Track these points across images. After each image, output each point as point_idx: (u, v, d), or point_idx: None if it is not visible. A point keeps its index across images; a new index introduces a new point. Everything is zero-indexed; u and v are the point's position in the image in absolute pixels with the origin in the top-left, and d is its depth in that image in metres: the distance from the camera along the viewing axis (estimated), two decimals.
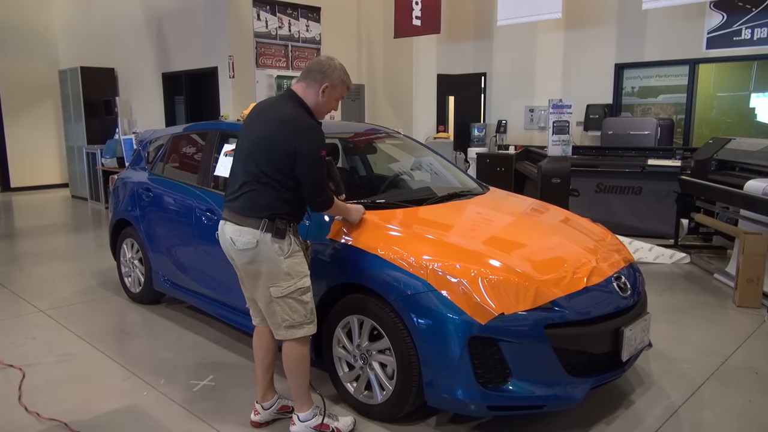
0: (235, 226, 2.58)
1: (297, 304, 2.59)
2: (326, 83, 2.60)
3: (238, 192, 2.61)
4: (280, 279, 2.55)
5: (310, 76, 2.62)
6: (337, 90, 2.65)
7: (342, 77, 2.64)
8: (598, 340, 2.71)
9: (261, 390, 2.83)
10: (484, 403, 2.52)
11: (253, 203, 2.56)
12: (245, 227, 2.55)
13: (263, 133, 2.55)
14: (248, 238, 2.54)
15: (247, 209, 2.57)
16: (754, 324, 4.15)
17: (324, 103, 2.64)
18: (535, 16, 8.07)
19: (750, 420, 2.89)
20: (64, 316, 4.38)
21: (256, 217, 2.54)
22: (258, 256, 2.54)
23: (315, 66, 2.63)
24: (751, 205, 4.80)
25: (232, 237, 2.59)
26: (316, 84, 2.61)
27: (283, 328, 2.61)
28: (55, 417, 2.90)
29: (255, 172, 2.55)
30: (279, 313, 2.59)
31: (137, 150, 5.06)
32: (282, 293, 2.56)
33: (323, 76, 2.60)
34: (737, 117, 8.09)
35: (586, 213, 4.26)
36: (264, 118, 2.62)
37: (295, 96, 2.62)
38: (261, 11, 8.44)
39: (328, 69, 2.61)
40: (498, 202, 3.83)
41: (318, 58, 2.70)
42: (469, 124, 10.04)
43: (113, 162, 8.99)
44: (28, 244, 6.89)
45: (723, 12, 7.51)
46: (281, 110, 2.58)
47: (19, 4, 11.10)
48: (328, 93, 2.62)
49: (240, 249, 2.57)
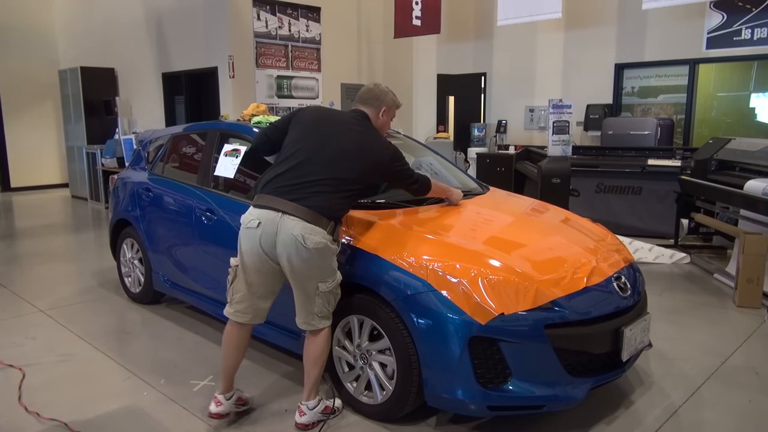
0: (305, 224, 2.59)
1: (333, 297, 2.74)
2: (384, 107, 2.95)
3: (312, 188, 2.65)
4: (329, 275, 2.69)
5: (369, 102, 2.94)
6: (391, 111, 3.00)
7: (394, 99, 3.02)
8: (598, 340, 2.71)
9: (227, 382, 2.88)
10: (484, 403, 2.52)
11: (326, 203, 2.65)
12: (318, 227, 2.61)
13: (342, 145, 2.74)
14: (319, 237, 2.60)
15: (323, 209, 2.64)
16: (754, 324, 4.15)
17: (383, 123, 2.98)
18: (535, 16, 8.07)
19: (750, 420, 2.89)
20: (64, 316, 4.38)
21: (327, 218, 2.64)
22: (322, 256, 2.62)
23: (370, 94, 2.97)
24: (751, 205, 4.80)
25: (303, 234, 2.57)
26: (375, 107, 2.94)
27: (318, 318, 2.71)
28: (55, 417, 2.90)
29: (341, 179, 2.69)
30: (318, 305, 2.69)
31: (137, 150, 5.06)
32: (328, 288, 2.68)
33: (380, 101, 2.94)
34: (737, 117, 8.09)
35: (586, 213, 4.26)
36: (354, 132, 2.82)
37: (368, 118, 2.93)
38: (261, 11, 8.44)
39: (381, 94, 2.95)
40: (498, 202, 3.83)
41: (368, 87, 3.03)
42: (469, 124, 10.04)
43: (113, 162, 8.99)
44: (28, 244, 6.89)
45: (723, 12, 7.51)
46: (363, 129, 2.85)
47: (19, 4, 11.10)
48: (386, 115, 2.97)
49: (309, 247, 2.58)
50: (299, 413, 2.80)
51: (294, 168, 2.71)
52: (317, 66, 9.20)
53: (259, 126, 3.77)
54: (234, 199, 3.68)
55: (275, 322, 3.35)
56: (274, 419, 2.89)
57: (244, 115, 4.19)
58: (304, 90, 9.10)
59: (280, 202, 2.64)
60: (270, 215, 2.63)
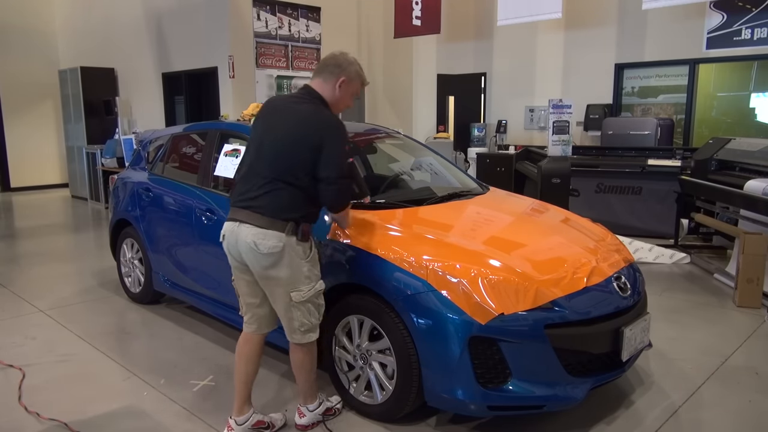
0: (257, 229, 2.46)
1: (313, 307, 2.58)
2: (343, 77, 2.58)
3: (259, 191, 2.50)
4: (301, 283, 2.51)
5: (326, 71, 2.59)
6: (353, 84, 2.62)
7: (358, 71, 2.63)
8: (598, 340, 2.71)
9: (239, 402, 2.68)
10: (484, 403, 2.52)
11: (281, 204, 2.47)
12: (270, 230, 2.45)
13: (290, 132, 2.49)
14: (274, 241, 2.44)
15: (274, 210, 2.47)
16: (754, 324, 4.15)
17: (340, 97, 2.62)
18: (535, 16, 8.07)
19: (750, 420, 2.89)
20: (64, 316, 4.38)
21: (282, 220, 2.46)
22: (282, 260, 2.47)
23: (331, 60, 2.61)
24: (751, 205, 4.80)
25: (255, 241, 2.45)
26: (332, 78, 2.58)
27: (300, 333, 2.57)
28: (55, 417, 2.90)
29: (283, 172, 2.47)
30: (298, 318, 2.54)
31: (137, 150, 5.06)
32: (303, 297, 2.52)
33: (340, 70, 2.58)
34: (737, 117, 8.09)
35: (586, 213, 4.25)
36: (287, 116, 2.54)
37: (315, 92, 2.60)
38: (261, 11, 8.44)
39: (344, 63, 2.59)
40: (498, 202, 3.83)
41: (332, 53, 2.65)
42: (469, 124, 10.03)
43: (113, 162, 8.99)
44: (28, 244, 6.89)
45: (723, 12, 7.51)
46: (305, 108, 2.54)
47: (19, 4, 11.09)
48: (344, 87, 2.60)
49: (264, 253, 2.45)
50: (299, 415, 2.78)
51: (245, 174, 2.59)
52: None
53: None
54: None
55: None
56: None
57: (244, 115, 4.19)
58: None
59: (237, 211, 2.55)
60: (229, 227, 2.56)
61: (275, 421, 2.78)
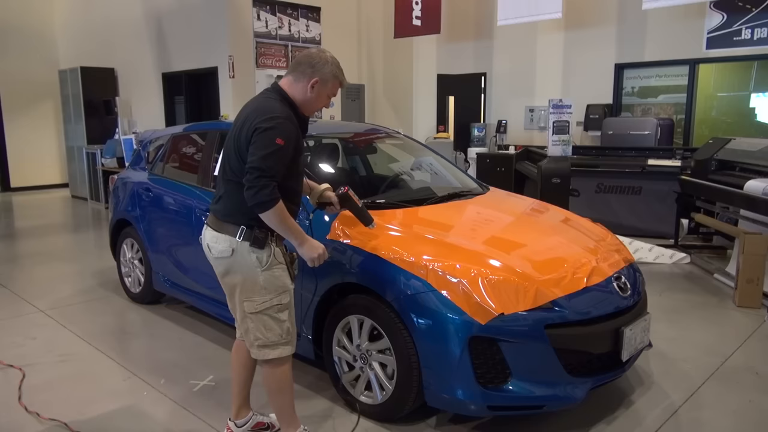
0: (213, 232, 2.41)
1: (272, 321, 2.37)
2: (316, 78, 2.37)
3: (218, 193, 2.45)
4: (255, 293, 2.35)
5: (298, 70, 2.39)
6: (327, 86, 2.41)
7: (334, 72, 2.40)
8: (598, 340, 2.71)
9: (235, 406, 2.65)
10: (484, 403, 2.52)
11: (232, 207, 2.36)
12: (222, 234, 2.37)
13: (235, 131, 2.35)
14: (224, 245, 2.36)
15: (226, 214, 2.38)
16: (754, 324, 4.15)
17: (313, 99, 2.41)
18: (535, 16, 8.07)
19: (750, 420, 2.89)
20: (64, 316, 4.38)
21: (234, 223, 2.35)
22: (233, 266, 2.36)
23: (304, 59, 2.40)
24: (751, 205, 4.80)
25: (209, 244, 2.42)
26: (305, 78, 2.38)
27: (256, 348, 2.40)
28: (55, 417, 2.90)
29: (231, 173, 2.35)
30: (252, 331, 2.39)
31: (137, 150, 5.06)
32: (256, 309, 2.35)
33: (313, 70, 2.37)
34: (737, 117, 8.09)
35: (586, 213, 4.26)
36: (240, 114, 2.42)
37: (279, 90, 2.41)
38: (261, 11, 8.44)
39: (318, 63, 2.37)
40: (498, 202, 3.83)
41: (308, 51, 2.44)
42: (469, 124, 10.03)
43: (113, 162, 8.99)
44: (28, 244, 6.89)
45: (723, 12, 7.51)
46: (254, 102, 2.40)
47: (19, 4, 11.09)
48: (317, 89, 2.39)
49: (216, 257, 2.40)
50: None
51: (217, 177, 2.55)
52: None
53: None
54: None
55: None
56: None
57: None
58: None
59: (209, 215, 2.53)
60: (203, 230, 2.54)
61: (275, 422, 2.74)
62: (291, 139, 2.28)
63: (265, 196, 2.20)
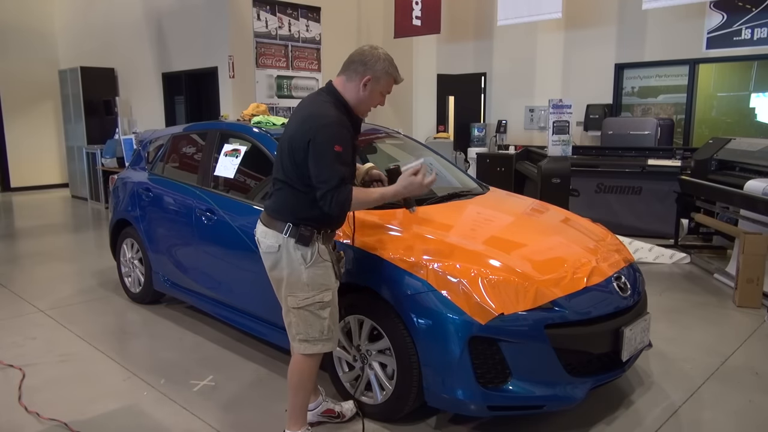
0: (262, 227, 2.51)
1: (313, 317, 2.44)
2: (368, 76, 2.39)
3: (271, 190, 2.55)
4: (298, 289, 2.42)
5: (351, 68, 2.42)
6: (381, 83, 2.41)
7: (386, 68, 2.40)
8: (598, 340, 2.71)
9: None
10: (484, 403, 2.52)
11: (281, 205, 2.46)
12: (270, 229, 2.46)
13: (289, 131, 2.44)
14: (271, 241, 2.45)
15: (275, 210, 2.47)
16: (754, 324, 4.15)
17: (366, 97, 2.43)
18: (535, 16, 8.07)
19: (750, 420, 2.89)
20: (64, 316, 4.38)
21: (281, 220, 2.43)
22: (279, 261, 2.44)
23: (357, 57, 2.42)
24: (751, 205, 4.80)
25: (259, 238, 2.52)
26: (357, 76, 2.40)
27: (297, 341, 2.48)
28: (55, 417, 2.90)
29: (284, 173, 2.43)
30: (294, 325, 2.48)
31: (137, 150, 5.06)
32: (298, 304, 2.43)
33: (365, 67, 2.39)
34: (737, 117, 8.09)
35: (586, 213, 4.26)
36: (295, 115, 2.50)
37: (333, 91, 2.45)
38: (261, 11, 8.44)
39: (370, 60, 2.39)
40: (498, 202, 3.83)
41: (361, 48, 2.45)
42: (469, 124, 10.03)
43: (113, 162, 8.99)
44: (28, 244, 6.89)
45: (723, 12, 7.51)
46: (309, 105, 2.44)
47: (19, 4, 11.09)
48: (370, 86, 2.40)
49: (264, 252, 2.50)
50: None
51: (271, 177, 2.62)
52: (317, 66, 9.20)
53: (259, 126, 3.77)
54: (234, 199, 3.68)
55: (274, 321, 3.35)
56: (274, 420, 2.89)
57: (244, 115, 4.19)
58: (304, 90, 9.10)
59: None
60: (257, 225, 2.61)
61: (346, 411, 2.80)
62: (346, 142, 2.35)
63: (340, 203, 2.31)
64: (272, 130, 3.69)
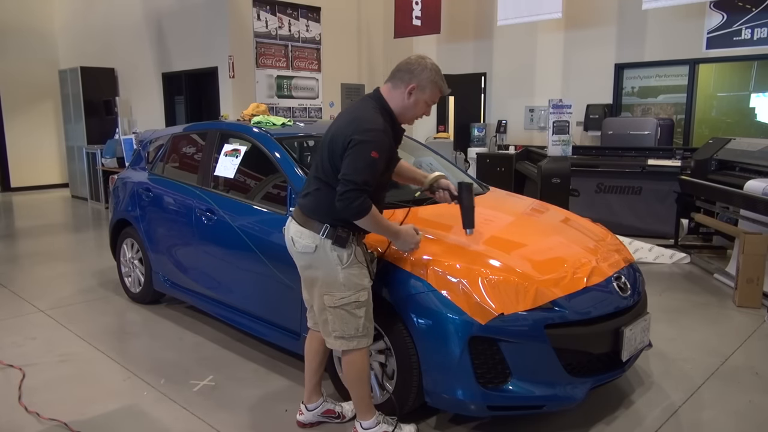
0: (297, 227, 2.51)
1: (349, 316, 2.47)
2: (413, 84, 2.43)
3: (307, 189, 2.55)
4: (335, 289, 2.46)
5: (397, 76, 2.47)
6: (426, 92, 2.45)
7: (432, 78, 2.44)
8: (598, 340, 2.71)
9: (307, 391, 2.80)
10: (484, 403, 2.52)
11: (319, 205, 2.46)
12: (307, 229, 2.47)
13: (332, 131, 2.46)
14: (308, 241, 2.46)
15: (312, 210, 2.48)
16: (754, 324, 4.15)
17: (410, 106, 2.47)
18: (535, 16, 8.07)
19: (750, 420, 2.89)
20: (64, 316, 4.38)
21: (318, 221, 2.45)
22: (315, 261, 2.47)
23: (403, 65, 2.47)
24: (751, 205, 4.80)
25: (294, 237, 2.52)
26: (402, 84, 2.44)
27: (333, 338, 2.52)
28: (55, 417, 2.90)
29: (323, 173, 2.45)
30: (330, 322, 2.50)
31: (137, 150, 5.06)
32: (335, 303, 2.46)
33: (411, 76, 2.43)
34: (737, 117, 8.09)
35: (586, 213, 4.26)
36: (340, 117, 2.53)
37: (379, 98, 2.49)
38: (261, 11, 8.44)
39: (417, 68, 2.43)
40: (498, 202, 3.83)
41: (409, 58, 2.49)
42: (469, 124, 10.03)
43: (113, 162, 8.99)
44: (28, 244, 6.89)
45: (723, 12, 7.51)
46: (356, 110, 2.47)
47: (19, 4, 11.10)
48: (415, 95, 2.45)
49: (299, 251, 2.51)
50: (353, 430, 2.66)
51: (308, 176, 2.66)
52: (317, 66, 9.20)
53: (259, 126, 3.77)
54: (234, 199, 3.68)
55: (274, 321, 3.35)
56: (275, 420, 2.89)
57: (244, 115, 4.19)
58: (304, 90, 9.11)
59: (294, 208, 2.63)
60: (287, 222, 2.64)
61: (346, 411, 2.82)
62: (384, 151, 2.37)
63: (357, 207, 2.32)
64: (272, 130, 3.70)
